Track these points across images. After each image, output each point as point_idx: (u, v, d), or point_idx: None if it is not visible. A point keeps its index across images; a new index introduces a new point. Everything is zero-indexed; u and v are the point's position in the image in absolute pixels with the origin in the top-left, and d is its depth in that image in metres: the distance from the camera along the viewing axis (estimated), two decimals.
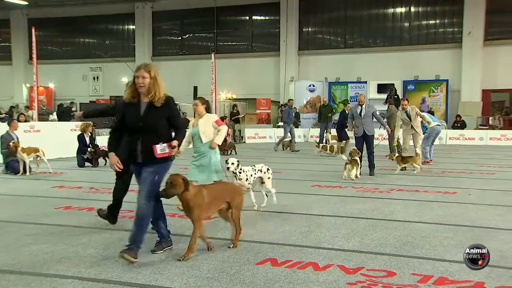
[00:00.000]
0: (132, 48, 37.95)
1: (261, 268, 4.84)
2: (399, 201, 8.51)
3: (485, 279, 4.48)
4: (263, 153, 19.15)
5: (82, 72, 38.81)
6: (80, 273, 4.71)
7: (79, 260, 5.09)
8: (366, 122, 12.13)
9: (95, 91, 38.75)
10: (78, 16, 37.80)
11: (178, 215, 7.27)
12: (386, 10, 32.39)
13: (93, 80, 38.96)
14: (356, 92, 30.41)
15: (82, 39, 39.94)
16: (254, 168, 7.96)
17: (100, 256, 5.24)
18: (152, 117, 5.15)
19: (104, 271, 4.77)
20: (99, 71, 38.76)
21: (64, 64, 38.76)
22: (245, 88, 33.79)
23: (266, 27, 35.56)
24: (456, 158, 16.70)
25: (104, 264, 4.96)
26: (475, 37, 29.07)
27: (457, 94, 29.40)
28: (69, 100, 31.22)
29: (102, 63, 38.55)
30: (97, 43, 39.58)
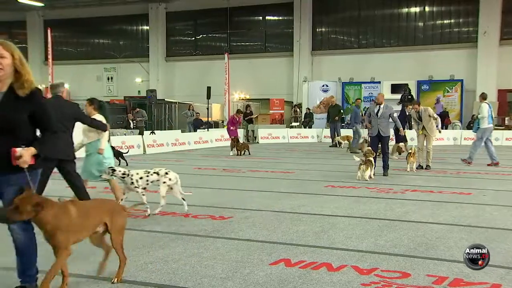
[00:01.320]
0: (146, 49, 38.18)
1: (275, 268, 4.84)
2: (413, 202, 8.46)
3: (501, 281, 4.44)
4: (276, 153, 19.15)
5: (97, 73, 39.16)
6: (94, 272, 4.69)
7: (95, 260, 5.09)
8: (382, 123, 12.06)
9: (109, 92, 39.06)
10: (93, 17, 38.15)
11: (191, 215, 7.29)
12: (400, 10, 32.25)
13: (107, 81, 39.29)
14: (370, 92, 30.35)
15: (97, 40, 40.30)
16: (149, 172, 7.41)
17: (114, 255, 5.25)
18: (11, 109, 3.83)
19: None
20: (113, 72, 39.07)
21: (79, 64, 39.14)
22: (258, 89, 33.84)
23: (279, 27, 35.57)
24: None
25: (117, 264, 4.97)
26: (491, 37, 28.85)
27: (472, 94, 29.12)
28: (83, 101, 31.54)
29: (116, 63, 38.86)
30: (111, 44, 39.90)
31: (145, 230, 6.41)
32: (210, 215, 7.32)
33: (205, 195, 9.22)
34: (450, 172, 12.70)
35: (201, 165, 14.77)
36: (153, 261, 5.06)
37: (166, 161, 16.22)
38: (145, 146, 18.98)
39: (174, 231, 6.35)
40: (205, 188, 10.09)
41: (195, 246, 5.63)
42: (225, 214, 7.37)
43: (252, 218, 7.12)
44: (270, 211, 7.66)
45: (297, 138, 26.28)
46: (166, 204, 8.16)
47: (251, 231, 6.34)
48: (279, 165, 14.69)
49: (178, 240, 5.92)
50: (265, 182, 11.33)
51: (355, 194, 9.24)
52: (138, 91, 36.88)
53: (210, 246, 5.64)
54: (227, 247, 5.60)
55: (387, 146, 12.18)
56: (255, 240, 5.90)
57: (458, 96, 28.97)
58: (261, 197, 8.97)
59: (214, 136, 23.51)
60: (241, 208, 7.86)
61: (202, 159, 17.00)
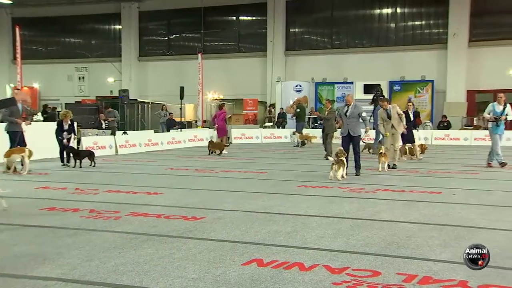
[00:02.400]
0: (118, 48, 37.83)
1: (247, 268, 4.83)
2: (385, 201, 8.55)
3: (468, 278, 4.51)
4: (250, 153, 19.15)
5: (68, 72, 38.63)
6: (64, 274, 4.66)
7: (63, 262, 5.04)
8: (352, 123, 12.17)
9: (81, 91, 38.60)
10: (64, 15, 37.64)
11: (163, 215, 7.24)
12: (373, 11, 32.61)
13: (78, 80, 38.77)
14: (343, 92, 30.58)
15: (68, 39, 39.76)
16: None
17: (85, 257, 5.19)
18: None
19: (89, 272, 4.72)
20: (85, 71, 38.59)
21: (49, 64, 38.56)
22: (231, 89, 33.83)
23: (253, 28, 35.64)
24: (442, 158, 16.83)
25: (88, 266, 4.91)
26: (460, 39, 29.41)
27: (443, 94, 29.69)
28: (54, 101, 31.03)
29: (88, 63, 38.43)
30: (83, 43, 39.41)
31: (117, 231, 6.33)
32: (182, 215, 7.27)
33: (178, 196, 9.16)
34: (421, 172, 12.88)
35: (174, 165, 14.69)
36: (124, 263, 5.00)
37: (138, 161, 16.08)
38: (117, 147, 18.77)
39: (145, 232, 6.29)
40: (178, 189, 10.02)
41: (167, 247, 5.59)
42: (197, 214, 7.33)
43: (224, 218, 7.11)
44: (242, 211, 7.65)
45: (271, 138, 26.36)
46: (138, 205, 8.11)
47: (223, 232, 6.32)
48: (252, 165, 14.70)
49: (149, 241, 5.86)
50: (238, 182, 11.32)
51: (327, 194, 9.29)
52: (110, 91, 36.49)
53: (182, 247, 5.60)
54: (199, 247, 5.57)
55: (358, 145, 12.28)
56: (228, 240, 5.88)
57: (429, 96, 29.43)
58: (234, 197, 8.95)
59: (187, 136, 23.41)
60: (214, 208, 7.83)
61: (175, 159, 16.91)
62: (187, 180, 11.56)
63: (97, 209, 7.75)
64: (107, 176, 12.27)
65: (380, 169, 12.95)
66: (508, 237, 6.02)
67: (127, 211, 7.58)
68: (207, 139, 23.93)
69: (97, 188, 9.96)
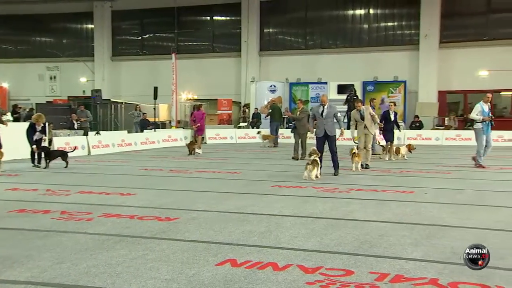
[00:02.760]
0: (91, 48, 37.38)
1: (221, 269, 4.82)
2: (358, 201, 8.62)
3: (439, 275, 4.59)
4: (224, 154, 19.12)
5: (38, 72, 38.00)
6: (34, 277, 4.58)
7: (33, 265, 4.95)
8: (328, 123, 12.23)
9: (52, 91, 37.99)
10: (34, 13, 37.02)
11: (137, 216, 7.18)
12: (346, 12, 32.88)
13: (50, 80, 38.15)
14: (317, 92, 30.78)
15: (38, 37, 39.14)
16: None
17: (56, 260, 5.11)
18: None
19: (60, 275, 4.65)
20: (56, 71, 38.01)
21: (19, 63, 37.90)
22: (206, 89, 33.73)
23: (227, 28, 35.61)
24: (414, 158, 17.03)
25: (59, 268, 4.84)
26: (431, 40, 29.87)
27: (415, 95, 30.10)
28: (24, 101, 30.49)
29: (60, 62, 37.87)
30: (54, 42, 38.82)
31: (89, 233, 6.25)
32: (156, 216, 7.22)
33: (152, 196, 9.09)
34: (393, 171, 13.03)
35: (147, 166, 14.57)
36: (96, 265, 4.94)
37: (111, 162, 15.91)
38: (89, 147, 18.55)
39: (118, 233, 6.23)
40: (152, 189, 9.95)
41: (140, 248, 5.54)
42: (171, 215, 7.29)
43: (198, 219, 7.08)
44: (216, 211, 7.64)
45: (245, 139, 26.36)
46: (110, 206, 8.03)
47: (197, 232, 6.29)
48: (226, 165, 14.68)
49: (122, 242, 5.80)
50: (212, 182, 11.29)
51: (301, 194, 9.33)
52: (83, 91, 36.02)
53: (155, 247, 5.56)
54: (173, 248, 5.53)
55: (335, 145, 12.35)
56: (201, 241, 5.86)
57: (402, 97, 29.78)
58: (208, 198, 8.93)
59: (161, 136, 23.26)
60: (188, 209, 7.79)
61: (149, 160, 16.78)
62: (161, 180, 11.48)
63: (68, 210, 7.65)
64: (79, 177, 12.12)
65: (353, 169, 13.06)
66: (477, 235, 6.13)
67: (100, 212, 7.49)
68: (181, 139, 23.89)
69: (69, 189, 9.82)
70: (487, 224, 6.80)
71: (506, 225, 6.75)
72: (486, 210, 7.91)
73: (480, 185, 10.62)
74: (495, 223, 6.87)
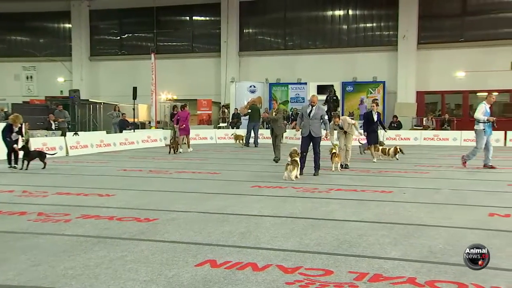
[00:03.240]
0: (68, 47, 36.95)
1: (200, 269, 4.80)
2: (338, 201, 8.67)
3: (416, 274, 4.64)
4: (204, 154, 19.07)
5: (14, 71, 37.43)
6: (9, 280, 4.51)
7: (9, 267, 4.87)
8: (314, 124, 12.25)
9: (29, 91, 37.46)
10: (10, 12, 36.43)
11: (116, 217, 7.12)
12: (325, 13, 33.03)
13: (26, 80, 37.59)
14: (297, 93, 30.92)
15: (14, 36, 38.59)
16: None
17: (32, 262, 5.04)
18: None
19: (36, 278, 4.59)
20: (33, 71, 37.48)
21: None
22: (185, 89, 33.61)
23: (206, 28, 35.52)
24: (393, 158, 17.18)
25: (36, 271, 4.77)
26: (409, 41, 30.19)
27: (394, 95, 30.38)
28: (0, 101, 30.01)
29: (36, 62, 37.36)
30: (31, 42, 38.31)
31: (66, 235, 6.18)
32: (135, 217, 7.17)
33: (131, 197, 9.02)
34: (372, 172, 13.13)
35: (126, 166, 14.46)
36: (74, 266, 4.89)
37: (90, 162, 15.76)
38: (67, 148, 18.34)
39: (97, 235, 6.17)
40: (131, 190, 9.87)
41: (119, 249, 5.50)
42: (150, 216, 7.24)
43: (178, 219, 7.05)
44: (196, 212, 7.61)
45: (225, 139, 26.29)
46: (89, 207, 7.95)
47: (177, 233, 6.27)
48: (206, 166, 14.64)
49: (101, 243, 5.75)
50: (192, 183, 11.26)
51: (281, 194, 9.35)
52: (60, 91, 35.58)
53: (134, 249, 5.52)
54: (152, 249, 5.50)
55: (319, 146, 12.37)
56: (181, 241, 5.83)
57: (381, 97, 30.01)
58: (187, 198, 8.89)
59: (141, 137, 23.09)
60: (167, 209, 7.76)
61: (128, 160, 16.66)
62: (140, 181, 11.40)
63: (45, 212, 7.55)
64: (57, 178, 11.98)
65: (333, 169, 13.14)
66: (452, 234, 6.22)
67: (78, 213, 7.41)
68: (161, 140, 23.76)
69: (46, 191, 9.70)
70: (463, 223, 6.90)
71: (482, 224, 6.85)
72: (463, 209, 8.01)
73: (457, 184, 10.77)
74: (471, 222, 6.97)
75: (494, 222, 6.94)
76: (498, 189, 10.12)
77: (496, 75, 28.70)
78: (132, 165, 14.95)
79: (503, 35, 29.23)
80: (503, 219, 7.16)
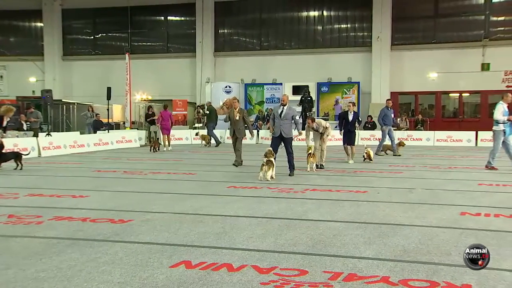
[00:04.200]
0: (40, 47, 36.38)
1: (175, 271, 4.78)
2: (313, 201, 8.71)
3: (390, 273, 4.69)
4: (179, 155, 18.98)
5: None
6: None
7: None
8: (285, 124, 12.29)
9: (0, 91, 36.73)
10: None
11: (89, 219, 7.03)
12: (300, 14, 33.17)
13: None
14: (272, 93, 30.98)
15: None
16: None
17: (2, 265, 4.94)
18: None
19: (5, 281, 4.50)
20: (3, 70, 36.80)
21: None
22: (161, 89, 33.44)
23: (181, 28, 35.36)
24: None
25: (5, 274, 4.68)
26: (383, 42, 30.52)
27: (368, 96, 30.67)
28: None
29: (6, 61, 36.63)
30: (1, 40, 37.65)
31: (38, 237, 6.08)
32: (109, 218, 7.10)
33: (105, 198, 8.92)
34: (347, 172, 13.23)
35: (101, 167, 14.31)
36: (46, 269, 4.81)
37: (63, 163, 15.55)
38: (40, 149, 18.06)
39: (70, 237, 6.09)
40: (105, 191, 9.77)
41: (92, 251, 5.43)
42: (125, 217, 7.17)
43: (153, 220, 7.00)
44: (171, 213, 7.57)
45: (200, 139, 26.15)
46: (62, 208, 7.83)
47: (151, 234, 6.22)
48: (181, 166, 14.57)
49: (74, 245, 5.68)
50: (167, 184, 11.20)
51: (256, 195, 9.35)
52: (32, 91, 35.01)
53: (108, 250, 5.46)
54: (126, 251, 5.45)
55: (291, 146, 12.42)
56: (156, 243, 5.79)
57: (356, 98, 30.28)
58: (162, 199, 8.84)
59: (115, 137, 22.86)
60: (142, 210, 7.70)
61: (102, 161, 16.48)
62: (114, 182, 11.29)
63: (17, 214, 7.42)
64: (29, 179, 11.77)
65: (308, 169, 13.19)
66: (425, 233, 6.30)
67: (50, 215, 7.30)
68: (135, 140, 23.57)
69: (17, 192, 9.54)
70: (436, 222, 7.00)
71: (453, 222, 6.97)
72: (436, 208, 8.12)
73: (430, 184, 10.92)
74: (443, 220, 7.08)
75: (465, 221, 7.06)
76: (470, 189, 10.29)
77: (467, 76, 29.22)
78: (106, 166, 14.80)
79: (473, 36, 29.80)
80: (474, 218, 7.29)
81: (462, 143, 24.67)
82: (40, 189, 9.96)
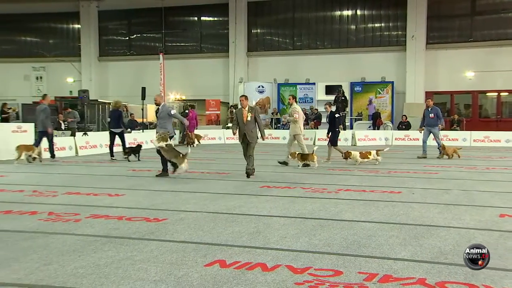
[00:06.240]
0: (77, 48, 37.13)
1: (209, 269, 4.81)
2: (347, 201, 8.65)
3: (426, 275, 4.62)
4: (213, 154, 19.09)
5: (24, 72, 37.62)
6: (20, 279, 4.54)
7: (20, 267, 4.91)
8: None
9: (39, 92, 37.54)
10: (19, 13, 36.65)
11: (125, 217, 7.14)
12: (333, 13, 32.99)
13: (36, 80, 37.79)
14: (305, 93, 30.90)
15: (24, 37, 38.77)
16: None
17: (43, 261, 5.07)
18: None
19: (47, 277, 4.62)
20: (43, 71, 37.67)
21: (4, 63, 37.47)
22: (194, 89, 33.70)
23: (214, 28, 35.56)
24: (402, 158, 17.14)
25: (47, 270, 4.80)
26: (418, 41, 30.09)
27: (402, 96, 30.28)
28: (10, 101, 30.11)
29: (46, 62, 37.53)
30: (40, 42, 38.50)
31: (76, 234, 6.21)
32: (144, 217, 7.19)
33: (140, 197, 9.04)
34: (381, 172, 13.09)
35: (135, 166, 14.51)
36: (84, 266, 4.91)
37: (99, 163, 15.83)
38: (77, 148, 18.43)
39: (106, 234, 6.20)
40: (140, 190, 9.90)
41: (128, 249, 5.52)
42: (159, 216, 7.26)
43: (187, 219, 7.06)
44: (205, 212, 7.62)
45: (234, 139, 26.14)
46: (98, 207, 7.98)
47: (186, 233, 6.28)
48: (215, 166, 14.67)
49: (110, 243, 5.78)
50: (201, 183, 11.27)
51: (290, 195, 9.34)
52: (70, 92, 35.78)
53: (143, 248, 5.54)
54: (161, 249, 5.51)
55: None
56: (190, 241, 5.85)
57: (389, 97, 29.97)
58: (196, 199, 8.90)
59: (150, 137, 23.11)
60: (176, 209, 7.78)
61: (137, 160, 16.67)
62: (149, 181, 11.43)
63: (56, 211, 7.59)
64: (66, 178, 12.03)
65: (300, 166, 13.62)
66: (462, 235, 6.18)
67: (88, 213, 7.44)
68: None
69: (56, 190, 9.75)
70: (473, 223, 6.86)
71: (492, 224, 6.82)
72: (472, 210, 7.97)
73: (466, 185, 10.71)
74: (481, 222, 6.94)
75: (504, 224, 6.90)
76: (509, 190, 10.05)
77: (505, 75, 28.55)
78: (141, 165, 14.99)
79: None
80: None
81: (500, 143, 24.10)
82: (77, 188, 10.17)
